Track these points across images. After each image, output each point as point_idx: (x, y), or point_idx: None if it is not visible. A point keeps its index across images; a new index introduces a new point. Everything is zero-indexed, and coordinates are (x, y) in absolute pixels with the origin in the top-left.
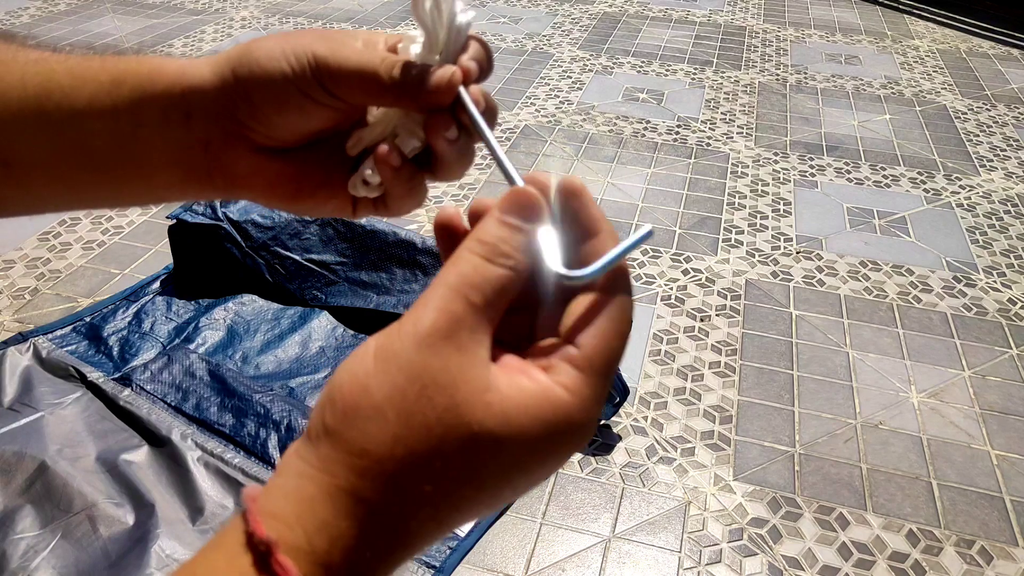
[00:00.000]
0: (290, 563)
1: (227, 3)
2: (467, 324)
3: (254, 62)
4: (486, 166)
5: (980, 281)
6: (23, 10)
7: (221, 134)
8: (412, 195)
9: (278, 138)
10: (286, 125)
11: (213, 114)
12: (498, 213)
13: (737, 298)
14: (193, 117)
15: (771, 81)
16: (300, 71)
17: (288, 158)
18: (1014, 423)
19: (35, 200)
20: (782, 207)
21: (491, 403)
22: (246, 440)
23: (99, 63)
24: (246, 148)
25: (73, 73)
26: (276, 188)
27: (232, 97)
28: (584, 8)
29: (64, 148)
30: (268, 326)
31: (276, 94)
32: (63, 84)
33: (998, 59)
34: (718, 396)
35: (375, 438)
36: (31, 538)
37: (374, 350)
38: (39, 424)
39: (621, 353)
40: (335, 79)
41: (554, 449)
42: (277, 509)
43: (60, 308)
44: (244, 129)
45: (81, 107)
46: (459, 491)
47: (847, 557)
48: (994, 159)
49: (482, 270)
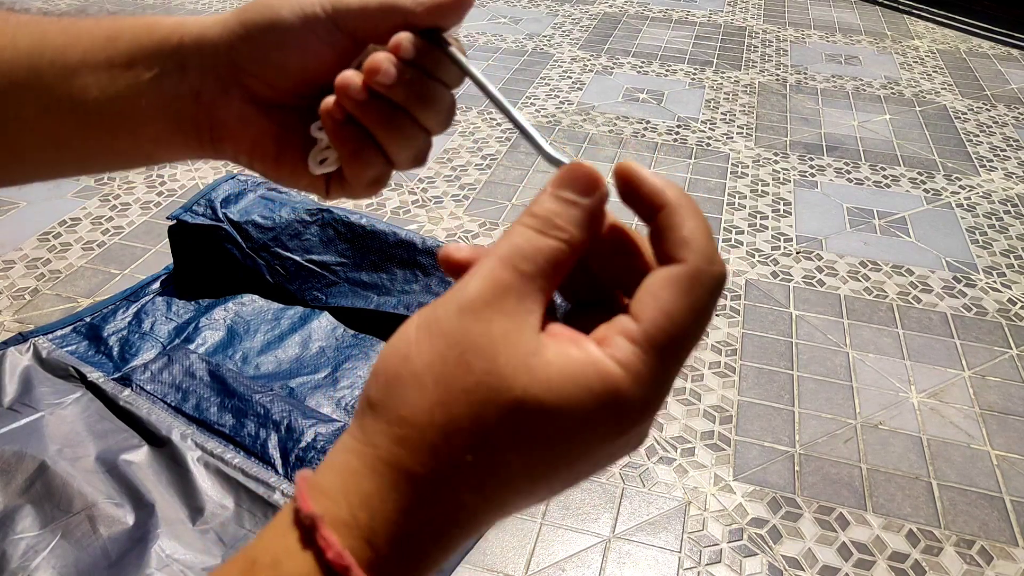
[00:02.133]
0: (334, 537)
1: (227, 4)
2: (514, 291)
3: (264, 4)
4: (486, 166)
5: (980, 281)
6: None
7: (215, 82)
8: (363, 164)
9: (276, 88)
10: (290, 72)
11: (209, 62)
12: (552, 188)
13: (737, 298)
14: (188, 67)
15: (771, 81)
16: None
17: (276, 115)
18: (1014, 423)
19: (25, 167)
20: (782, 207)
21: (534, 367)
22: (246, 440)
23: (94, 21)
24: (238, 98)
25: (67, 31)
26: (260, 146)
27: (235, 42)
28: (584, 8)
29: (55, 106)
30: (268, 326)
31: (285, 35)
32: (56, 42)
33: (998, 59)
34: (718, 396)
35: (415, 405)
36: (31, 538)
37: (416, 320)
38: (39, 424)
39: (691, 332)
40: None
41: (605, 427)
42: (326, 484)
43: (60, 308)
44: (243, 76)
45: (74, 63)
46: (503, 460)
47: (847, 557)
48: (994, 159)
49: (534, 241)
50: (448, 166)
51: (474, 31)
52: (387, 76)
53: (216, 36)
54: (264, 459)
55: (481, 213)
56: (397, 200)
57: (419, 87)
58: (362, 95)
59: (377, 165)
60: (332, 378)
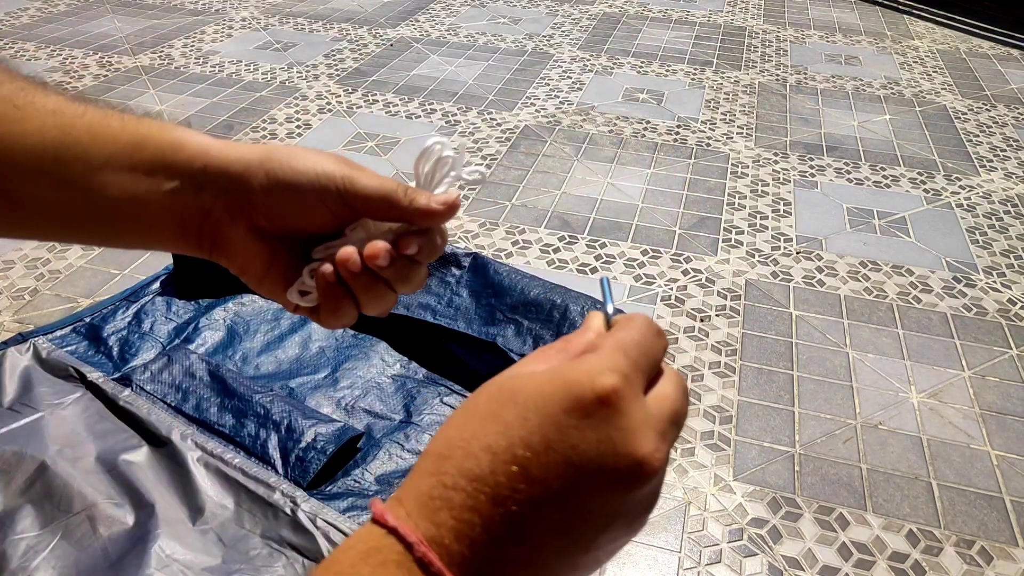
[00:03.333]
0: None
1: (227, 4)
2: None
3: (288, 165)
4: (486, 167)
5: (980, 281)
6: (23, 10)
7: (226, 209)
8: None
9: (278, 227)
10: (293, 220)
11: (225, 193)
12: None
13: (737, 298)
14: (205, 190)
15: (771, 81)
16: (327, 184)
17: (269, 243)
18: (1013, 423)
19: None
20: (782, 207)
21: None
22: (246, 440)
23: (119, 123)
24: (244, 226)
25: (93, 131)
26: (251, 266)
27: (253, 186)
28: (584, 8)
29: (74, 196)
30: (268, 327)
31: (299, 195)
32: (82, 140)
33: (998, 59)
34: (718, 396)
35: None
36: (31, 538)
37: None
38: (39, 424)
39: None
40: (357, 196)
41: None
42: None
43: (60, 308)
44: (252, 211)
45: (98, 164)
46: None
47: (847, 557)
48: (994, 159)
49: None
50: None
51: (474, 31)
52: (384, 261)
53: (237, 174)
54: (264, 459)
55: (481, 213)
56: None
57: (405, 269)
58: (357, 269)
59: (351, 315)
60: (332, 378)
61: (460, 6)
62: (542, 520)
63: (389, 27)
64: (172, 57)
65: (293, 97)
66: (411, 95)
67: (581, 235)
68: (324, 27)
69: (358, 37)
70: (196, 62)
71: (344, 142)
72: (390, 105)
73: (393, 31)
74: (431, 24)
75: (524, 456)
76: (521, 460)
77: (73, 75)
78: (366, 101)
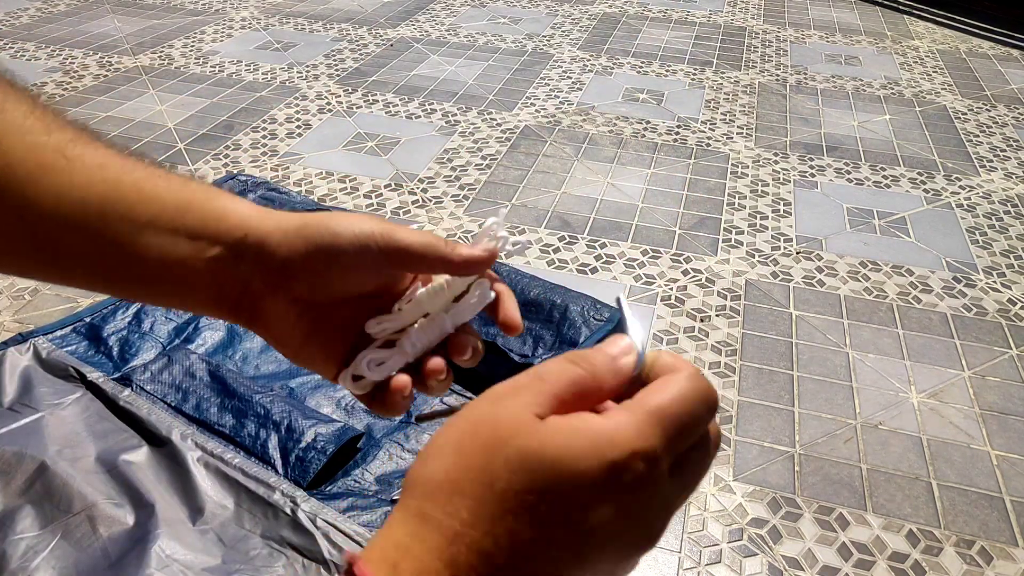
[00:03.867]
0: None
1: (227, 4)
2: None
3: (325, 228)
4: (486, 167)
5: (980, 281)
6: (23, 10)
7: (264, 281)
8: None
9: (318, 295)
10: (334, 285)
11: (265, 264)
12: None
13: (737, 298)
14: (244, 260)
15: (771, 81)
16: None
17: (309, 315)
18: (1014, 423)
19: (72, 283)
20: (782, 207)
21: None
22: (246, 440)
23: (165, 183)
24: (283, 298)
25: (140, 189)
26: (290, 337)
27: (293, 256)
28: (584, 8)
29: (116, 255)
30: None
31: (340, 257)
32: (128, 198)
33: (998, 59)
34: (718, 396)
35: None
36: (31, 538)
37: None
38: (39, 424)
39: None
40: (399, 250)
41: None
42: None
43: (60, 308)
44: (291, 282)
45: (142, 223)
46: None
47: (847, 557)
48: (994, 159)
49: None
50: (448, 166)
51: (474, 31)
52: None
53: (275, 244)
54: (264, 459)
55: (481, 213)
56: (397, 200)
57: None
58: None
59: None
60: None
61: (460, 6)
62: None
63: (389, 27)
64: (172, 57)
65: (293, 97)
66: (411, 95)
67: (581, 235)
68: (324, 27)
69: (358, 37)
70: (196, 62)
71: (344, 142)
72: (390, 105)
73: (393, 31)
74: (431, 24)
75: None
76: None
77: (73, 75)
78: (366, 101)
